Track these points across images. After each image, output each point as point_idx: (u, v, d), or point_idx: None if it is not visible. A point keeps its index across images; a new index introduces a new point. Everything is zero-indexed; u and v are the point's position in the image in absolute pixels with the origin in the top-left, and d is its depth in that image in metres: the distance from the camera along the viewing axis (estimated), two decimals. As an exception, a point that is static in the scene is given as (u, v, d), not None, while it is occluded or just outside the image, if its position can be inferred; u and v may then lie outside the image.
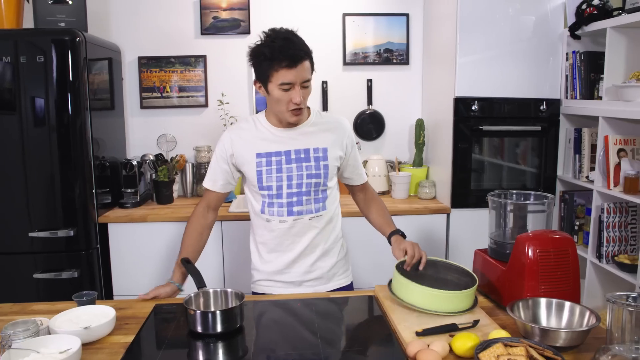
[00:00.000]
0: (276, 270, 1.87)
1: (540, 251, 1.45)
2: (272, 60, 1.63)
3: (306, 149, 1.79)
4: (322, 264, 1.87)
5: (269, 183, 1.78)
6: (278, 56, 1.62)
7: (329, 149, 1.81)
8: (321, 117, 1.88)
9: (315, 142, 1.81)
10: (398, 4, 3.34)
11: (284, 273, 1.86)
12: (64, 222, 2.66)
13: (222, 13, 3.24)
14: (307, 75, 1.68)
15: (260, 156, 1.79)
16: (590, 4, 2.67)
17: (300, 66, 1.64)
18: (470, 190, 2.92)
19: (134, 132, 3.34)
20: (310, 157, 1.79)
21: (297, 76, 1.65)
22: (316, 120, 1.86)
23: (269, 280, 1.89)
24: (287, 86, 1.66)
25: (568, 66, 2.87)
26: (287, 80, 1.65)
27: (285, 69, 1.63)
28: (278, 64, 1.63)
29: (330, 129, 1.86)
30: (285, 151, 1.79)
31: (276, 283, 1.88)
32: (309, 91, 1.74)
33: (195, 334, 1.43)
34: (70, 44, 2.56)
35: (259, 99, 3.32)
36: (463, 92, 2.83)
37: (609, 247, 2.57)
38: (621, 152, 2.55)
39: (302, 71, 1.66)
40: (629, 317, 1.21)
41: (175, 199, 3.19)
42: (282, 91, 1.67)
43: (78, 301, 1.56)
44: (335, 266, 1.91)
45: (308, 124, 1.84)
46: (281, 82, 1.65)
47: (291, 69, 1.63)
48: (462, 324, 1.40)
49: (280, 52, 1.62)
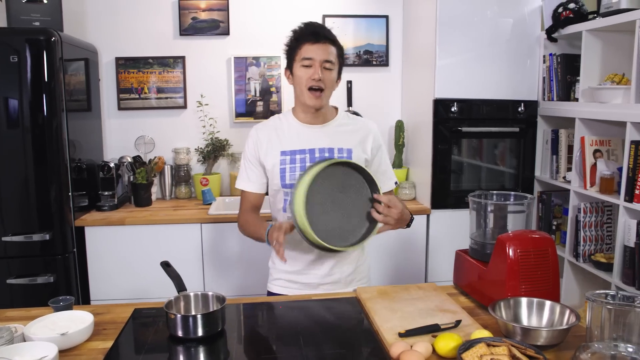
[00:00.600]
0: (295, 270, 1.83)
1: (520, 251, 1.47)
2: (298, 38, 1.73)
3: (331, 149, 1.79)
4: (342, 268, 1.84)
5: (292, 181, 1.76)
6: (304, 32, 1.73)
7: (353, 150, 1.80)
8: (348, 118, 1.88)
9: (341, 142, 1.80)
10: (378, 5, 3.35)
11: (303, 274, 1.83)
12: (39, 225, 2.60)
13: (201, 14, 3.22)
14: (329, 57, 1.71)
15: (285, 154, 1.78)
16: (567, 8, 2.71)
17: (323, 45, 1.70)
18: (450, 191, 2.94)
19: (111, 133, 3.29)
20: (334, 156, 1.78)
21: (319, 53, 1.69)
22: (343, 121, 1.85)
23: (286, 280, 1.86)
24: (308, 62, 1.70)
25: (545, 68, 2.91)
26: (309, 55, 1.70)
27: (308, 44, 1.70)
28: (303, 40, 1.72)
29: (357, 130, 1.85)
30: (309, 149, 1.78)
31: (293, 284, 1.85)
32: (332, 78, 1.75)
33: (176, 338, 1.41)
34: (45, 44, 2.51)
35: (239, 101, 3.30)
36: (442, 94, 2.85)
37: (586, 246, 2.62)
38: (597, 152, 2.59)
39: (325, 50, 1.70)
40: (608, 315, 1.23)
41: (154, 202, 3.15)
42: (303, 68, 1.71)
43: (54, 307, 1.52)
44: (355, 272, 1.87)
45: (334, 124, 1.83)
46: (303, 57, 1.71)
47: (313, 44, 1.70)
48: (445, 324, 1.40)
49: (306, 28, 1.74)
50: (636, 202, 2.24)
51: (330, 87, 1.76)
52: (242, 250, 2.80)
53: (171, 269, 1.64)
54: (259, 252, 2.78)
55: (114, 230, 2.75)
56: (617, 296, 1.27)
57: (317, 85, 1.71)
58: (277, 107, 3.32)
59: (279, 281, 1.89)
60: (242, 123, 3.33)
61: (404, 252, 2.94)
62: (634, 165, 2.25)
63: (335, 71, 1.75)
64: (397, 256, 2.93)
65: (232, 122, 3.33)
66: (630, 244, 2.28)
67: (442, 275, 2.92)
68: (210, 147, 3.23)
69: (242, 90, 3.30)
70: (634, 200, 2.25)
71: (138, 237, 2.76)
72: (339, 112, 1.88)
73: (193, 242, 2.79)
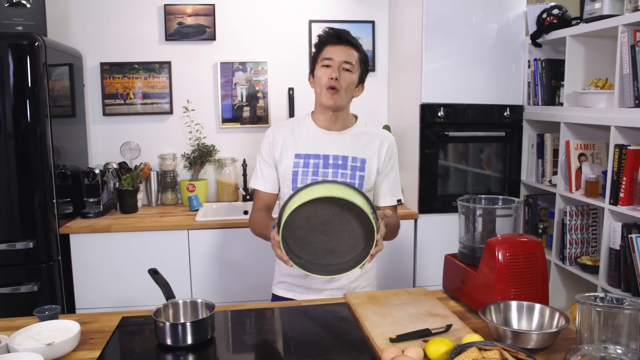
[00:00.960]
0: (300, 274, 1.79)
1: (510, 255, 1.47)
2: (322, 41, 1.78)
3: (345, 157, 1.78)
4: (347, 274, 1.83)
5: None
6: (329, 34, 1.77)
7: (367, 161, 1.80)
8: (366, 127, 1.88)
9: (355, 151, 1.80)
10: (364, 11, 3.37)
11: (307, 278, 1.81)
12: (23, 233, 2.56)
13: (187, 19, 3.20)
14: (349, 58, 1.74)
15: (299, 157, 1.78)
16: (551, 14, 2.75)
17: (345, 47, 1.74)
18: (437, 195, 2.95)
19: (96, 139, 3.25)
20: (347, 165, 1.78)
21: (338, 54, 1.73)
22: (360, 130, 1.85)
23: (290, 284, 1.85)
24: (328, 62, 1.73)
25: (530, 73, 2.94)
26: (329, 55, 1.74)
27: (330, 46, 1.75)
28: (326, 40, 1.76)
29: (373, 140, 1.84)
30: (324, 155, 1.78)
31: (298, 288, 1.84)
32: (352, 80, 1.76)
33: (165, 346, 1.39)
34: (28, 49, 2.47)
35: (225, 106, 3.29)
36: (429, 99, 2.87)
37: (572, 249, 2.64)
38: (582, 156, 2.62)
39: (345, 52, 1.74)
40: (597, 318, 1.24)
41: (140, 208, 3.11)
42: (323, 68, 1.74)
43: (39, 316, 1.49)
44: (360, 278, 1.86)
45: (352, 132, 1.84)
46: (323, 58, 1.75)
47: (334, 46, 1.74)
48: (435, 328, 1.40)
49: (331, 32, 1.78)
50: (621, 205, 2.26)
51: (348, 89, 1.76)
52: (230, 256, 2.78)
53: (159, 276, 1.62)
54: (248, 258, 2.77)
55: (100, 238, 2.72)
56: (606, 298, 1.29)
57: (333, 85, 1.72)
58: (263, 113, 3.31)
59: (283, 284, 1.88)
60: (228, 128, 3.31)
61: (392, 257, 2.94)
62: (619, 168, 2.27)
63: (355, 74, 1.76)
64: (385, 261, 2.93)
65: (219, 127, 3.31)
66: (616, 246, 2.30)
67: (430, 280, 2.92)
68: (197, 152, 3.21)
69: (228, 95, 3.28)
70: (619, 203, 2.27)
71: (124, 244, 2.73)
72: (358, 120, 1.88)
73: (180, 249, 2.77)
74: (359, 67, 1.78)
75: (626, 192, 2.25)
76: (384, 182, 1.87)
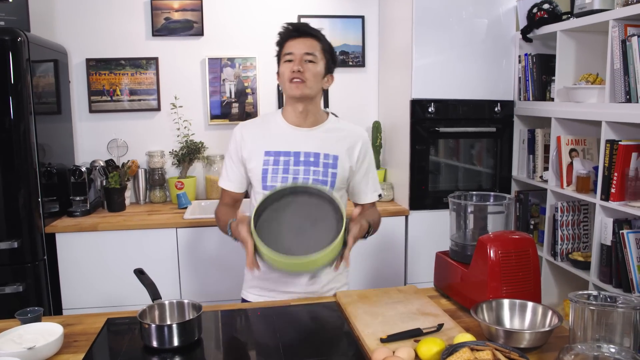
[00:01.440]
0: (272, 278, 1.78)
1: (502, 252, 1.45)
2: (282, 37, 1.75)
3: (316, 153, 1.74)
4: (320, 277, 1.79)
5: (274, 183, 1.72)
6: (287, 29, 1.75)
7: (339, 158, 1.76)
8: (338, 124, 1.84)
9: (327, 147, 1.76)
10: (353, 6, 3.33)
11: (279, 282, 1.78)
12: (7, 233, 2.51)
13: (174, 14, 3.15)
14: (310, 49, 1.71)
15: (269, 154, 1.74)
16: (541, 8, 2.73)
17: (305, 39, 1.72)
18: (428, 192, 2.94)
19: (82, 137, 3.20)
20: (319, 162, 1.74)
21: (299, 47, 1.70)
22: (332, 126, 1.81)
23: (262, 288, 1.81)
24: (290, 56, 1.70)
25: (521, 68, 2.92)
26: (290, 50, 1.71)
27: (290, 40, 1.72)
28: (285, 36, 1.74)
29: (346, 137, 1.80)
30: (294, 152, 1.74)
31: (269, 292, 1.80)
32: (316, 70, 1.71)
33: (151, 348, 1.36)
34: (10, 44, 2.42)
35: (214, 102, 3.24)
36: (419, 94, 2.85)
37: (563, 245, 2.63)
38: (573, 152, 2.61)
39: (305, 45, 1.71)
40: (590, 316, 1.22)
41: (128, 206, 3.07)
42: (286, 63, 1.72)
43: (21, 319, 1.45)
44: (333, 280, 1.83)
45: (323, 128, 1.79)
46: (285, 53, 1.72)
47: (294, 40, 1.71)
48: (427, 328, 1.38)
49: (289, 24, 1.75)
50: (612, 201, 2.25)
51: (314, 80, 1.72)
52: (219, 255, 2.75)
53: (145, 276, 1.58)
54: (237, 257, 2.73)
55: (86, 237, 2.67)
56: (600, 297, 1.27)
57: (297, 77, 1.69)
58: (252, 109, 3.28)
59: (253, 289, 1.84)
60: (217, 125, 3.27)
61: (383, 254, 2.92)
62: (610, 164, 2.26)
63: (319, 65, 1.72)
64: (375, 258, 2.91)
65: (207, 124, 3.27)
66: (607, 242, 2.29)
67: (421, 277, 2.91)
68: (185, 150, 3.17)
69: (217, 91, 3.24)
70: (610, 199, 2.26)
71: (111, 243, 2.69)
72: (329, 116, 1.84)
73: (168, 247, 2.73)
74: (323, 57, 1.74)
75: (617, 187, 2.24)
76: (364, 181, 1.83)
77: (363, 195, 1.85)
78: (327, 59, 1.75)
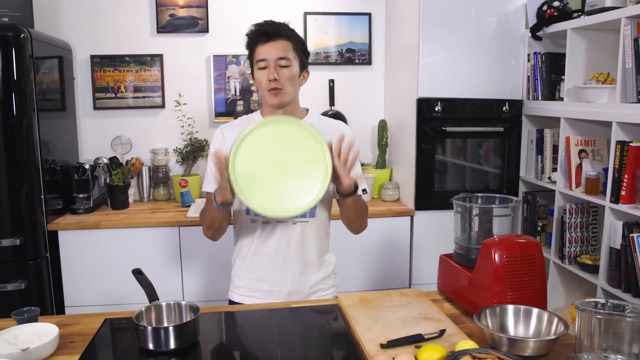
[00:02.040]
0: (258, 277, 1.77)
1: (507, 256, 1.41)
2: (252, 40, 1.67)
3: None
4: (306, 277, 1.77)
5: None
6: (255, 33, 1.67)
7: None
8: (319, 119, 1.81)
9: None
10: (360, 3, 3.29)
11: (265, 281, 1.76)
12: (10, 230, 2.50)
13: (179, 11, 3.13)
14: (282, 54, 1.64)
15: None
16: (551, 6, 2.68)
17: (274, 42, 1.64)
18: (434, 191, 2.89)
19: (86, 134, 3.19)
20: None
21: (270, 52, 1.64)
22: (312, 122, 1.76)
23: (248, 288, 1.79)
24: (263, 63, 1.65)
25: (530, 67, 2.87)
26: (261, 56, 1.64)
27: (260, 45, 1.65)
28: (255, 41, 1.66)
29: (326, 132, 1.75)
30: None
31: (256, 292, 1.78)
32: (291, 74, 1.67)
33: (147, 351, 1.34)
34: (14, 41, 2.41)
35: (218, 100, 3.22)
36: (426, 93, 2.80)
37: (571, 247, 2.58)
38: (582, 153, 2.56)
39: (277, 48, 1.64)
40: (598, 325, 1.18)
41: (131, 204, 3.06)
42: (259, 70, 1.66)
43: (17, 319, 1.43)
44: (320, 282, 1.80)
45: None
46: (257, 60, 1.66)
47: (265, 44, 1.64)
48: (428, 334, 1.35)
49: (256, 29, 1.67)
50: (622, 203, 2.20)
51: (291, 84, 1.68)
52: (222, 254, 2.71)
53: (143, 277, 1.56)
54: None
55: (89, 234, 2.66)
56: (607, 305, 1.23)
57: (274, 86, 1.65)
58: (257, 107, 3.25)
59: (241, 289, 1.81)
60: (222, 122, 3.20)
61: (388, 254, 2.88)
62: (620, 165, 2.21)
63: (294, 67, 1.67)
64: (380, 259, 2.88)
65: (212, 121, 3.25)
66: (616, 245, 2.25)
67: (426, 278, 2.87)
68: (189, 147, 3.15)
69: (221, 89, 3.22)
70: (620, 202, 2.21)
71: (114, 241, 2.67)
72: (309, 113, 1.80)
73: (171, 245, 2.71)
74: (296, 56, 1.68)
75: (627, 190, 2.19)
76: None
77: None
78: (300, 57, 1.71)
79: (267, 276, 1.76)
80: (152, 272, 1.64)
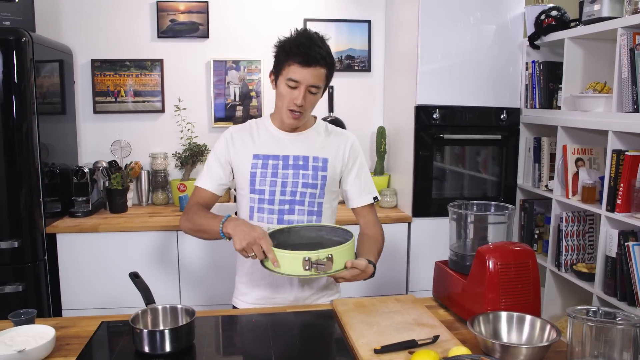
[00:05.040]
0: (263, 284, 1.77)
1: (501, 264, 1.42)
2: (288, 53, 1.61)
3: (305, 157, 1.72)
4: (311, 284, 1.77)
5: (262, 187, 1.70)
6: (295, 50, 1.60)
7: (329, 160, 1.74)
8: (327, 128, 1.82)
9: (316, 151, 1.74)
10: (360, 10, 3.31)
11: (270, 288, 1.76)
12: (9, 232, 2.51)
13: (179, 16, 3.15)
14: (317, 82, 1.63)
15: (257, 157, 1.72)
16: (549, 15, 2.70)
17: (313, 69, 1.60)
18: (432, 199, 2.91)
19: (86, 137, 3.20)
20: (308, 165, 1.72)
21: (307, 78, 1.61)
22: (320, 130, 1.79)
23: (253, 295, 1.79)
24: (294, 84, 1.62)
25: (528, 75, 2.89)
26: (296, 77, 1.61)
27: (297, 65, 1.60)
28: (292, 58, 1.60)
29: (334, 140, 1.78)
30: (283, 156, 1.72)
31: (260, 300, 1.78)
32: (316, 100, 1.68)
33: (143, 354, 1.34)
34: (15, 44, 2.42)
35: (218, 105, 3.24)
36: (424, 100, 2.82)
37: (568, 255, 2.59)
38: (579, 161, 2.57)
39: (314, 75, 1.61)
40: (589, 332, 1.19)
41: (130, 208, 3.06)
42: (288, 87, 1.63)
43: (14, 320, 1.44)
44: (326, 287, 1.81)
45: (311, 132, 1.77)
46: (289, 78, 1.61)
47: (302, 68, 1.60)
48: (422, 339, 1.36)
49: (297, 47, 1.60)
50: (618, 212, 2.22)
51: (312, 108, 1.71)
52: (219, 259, 2.74)
53: (139, 280, 1.57)
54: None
55: (87, 238, 2.67)
56: (599, 312, 1.24)
57: (297, 110, 1.65)
58: (257, 112, 3.26)
59: (245, 296, 1.82)
60: (221, 128, 3.26)
61: (385, 261, 2.85)
62: (616, 174, 2.23)
63: (320, 93, 1.68)
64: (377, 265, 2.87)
65: (211, 126, 3.26)
66: (612, 254, 2.25)
67: (423, 285, 2.87)
68: (188, 152, 3.16)
69: (221, 94, 3.23)
70: (616, 210, 2.22)
71: (112, 245, 2.68)
72: (317, 120, 1.82)
73: (169, 250, 2.72)
74: (325, 82, 1.68)
75: (623, 198, 2.20)
76: (356, 183, 1.80)
77: (357, 198, 1.82)
78: (328, 82, 1.70)
79: (272, 283, 1.76)
80: (150, 276, 1.65)
